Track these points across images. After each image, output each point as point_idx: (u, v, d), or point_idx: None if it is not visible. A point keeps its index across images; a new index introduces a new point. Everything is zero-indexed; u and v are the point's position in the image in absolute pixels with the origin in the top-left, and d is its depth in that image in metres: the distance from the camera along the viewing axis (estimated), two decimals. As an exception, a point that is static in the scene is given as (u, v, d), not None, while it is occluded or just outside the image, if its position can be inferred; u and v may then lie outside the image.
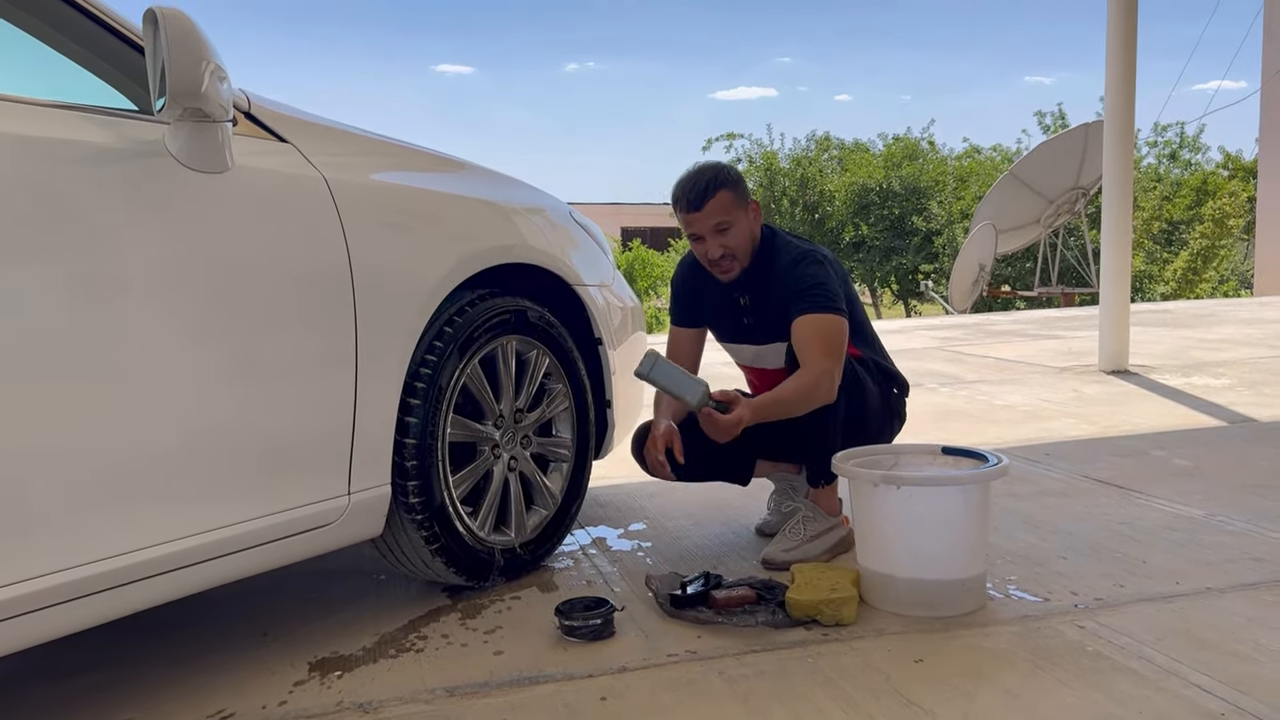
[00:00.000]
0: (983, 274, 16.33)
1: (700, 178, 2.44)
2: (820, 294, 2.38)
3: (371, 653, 2.04)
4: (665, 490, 3.25)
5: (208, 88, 1.63)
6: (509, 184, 2.64)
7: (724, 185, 2.43)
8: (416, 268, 2.15)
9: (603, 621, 2.06)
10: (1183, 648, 1.92)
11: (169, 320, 1.66)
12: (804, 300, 2.38)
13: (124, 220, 1.61)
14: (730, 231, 2.44)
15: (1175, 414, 4.47)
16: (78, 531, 1.54)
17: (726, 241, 2.45)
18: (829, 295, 2.38)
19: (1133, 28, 5.82)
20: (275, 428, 1.84)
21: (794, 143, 26.85)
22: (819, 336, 2.35)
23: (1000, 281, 20.70)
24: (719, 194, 2.42)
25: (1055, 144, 16.20)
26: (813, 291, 2.39)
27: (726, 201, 2.43)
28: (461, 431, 2.28)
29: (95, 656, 2.07)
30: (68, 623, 1.56)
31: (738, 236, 2.45)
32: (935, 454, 2.35)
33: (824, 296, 2.38)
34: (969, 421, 4.44)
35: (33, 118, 1.55)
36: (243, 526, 1.78)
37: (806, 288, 2.39)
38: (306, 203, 1.92)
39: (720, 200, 2.42)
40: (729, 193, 2.43)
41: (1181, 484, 3.17)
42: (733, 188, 2.44)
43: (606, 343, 2.74)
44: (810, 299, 2.37)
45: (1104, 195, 6.06)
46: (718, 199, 2.42)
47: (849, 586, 2.12)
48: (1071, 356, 6.68)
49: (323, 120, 2.12)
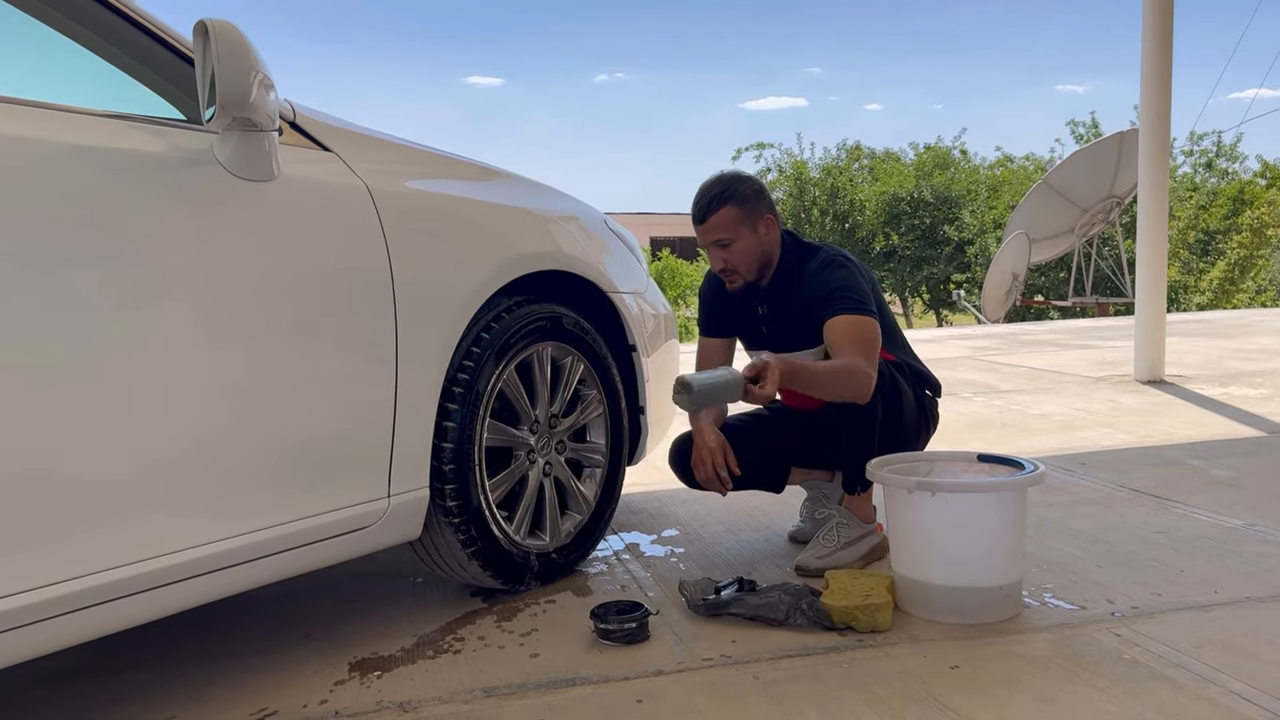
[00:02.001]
0: (1016, 283, 16.21)
1: (709, 192, 2.45)
2: (849, 295, 2.38)
3: (410, 654, 2.07)
4: (698, 497, 3.26)
5: (256, 98, 1.67)
6: (545, 192, 2.67)
7: (729, 201, 2.43)
8: (455, 274, 2.18)
9: (638, 625, 2.08)
10: (1221, 656, 1.91)
11: (215, 324, 1.69)
12: (834, 302, 2.38)
13: (174, 226, 1.65)
14: (732, 247, 2.45)
15: (1213, 424, 4.43)
16: (130, 530, 1.58)
17: (727, 256, 2.47)
18: (859, 296, 2.39)
19: (1169, 35, 5.78)
20: (318, 432, 1.88)
21: (824, 152, 26.87)
22: (852, 336, 2.34)
23: (1034, 291, 20.55)
24: (722, 210, 2.43)
25: (1089, 152, 16.07)
26: (840, 293, 2.38)
27: (728, 218, 2.43)
28: (498, 436, 2.31)
29: (139, 655, 2.12)
30: (116, 620, 1.60)
31: (739, 253, 2.46)
32: (971, 461, 2.35)
33: (854, 297, 2.38)
34: (1003, 431, 4.42)
35: (88, 128, 1.60)
36: (287, 528, 1.82)
37: (834, 290, 2.39)
38: (349, 210, 1.96)
39: (722, 217, 2.43)
40: (734, 209, 2.43)
41: (1220, 494, 3.14)
42: (740, 204, 2.43)
43: (640, 349, 2.76)
44: (840, 300, 2.37)
45: (1139, 204, 6.01)
46: (719, 215, 2.43)
47: (884, 593, 2.13)
48: (1107, 366, 6.62)
49: (364, 129, 2.16)
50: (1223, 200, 22.53)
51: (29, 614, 1.46)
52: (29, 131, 1.51)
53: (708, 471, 2.49)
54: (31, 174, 1.49)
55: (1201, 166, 24.98)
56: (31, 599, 1.46)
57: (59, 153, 1.53)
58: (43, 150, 1.51)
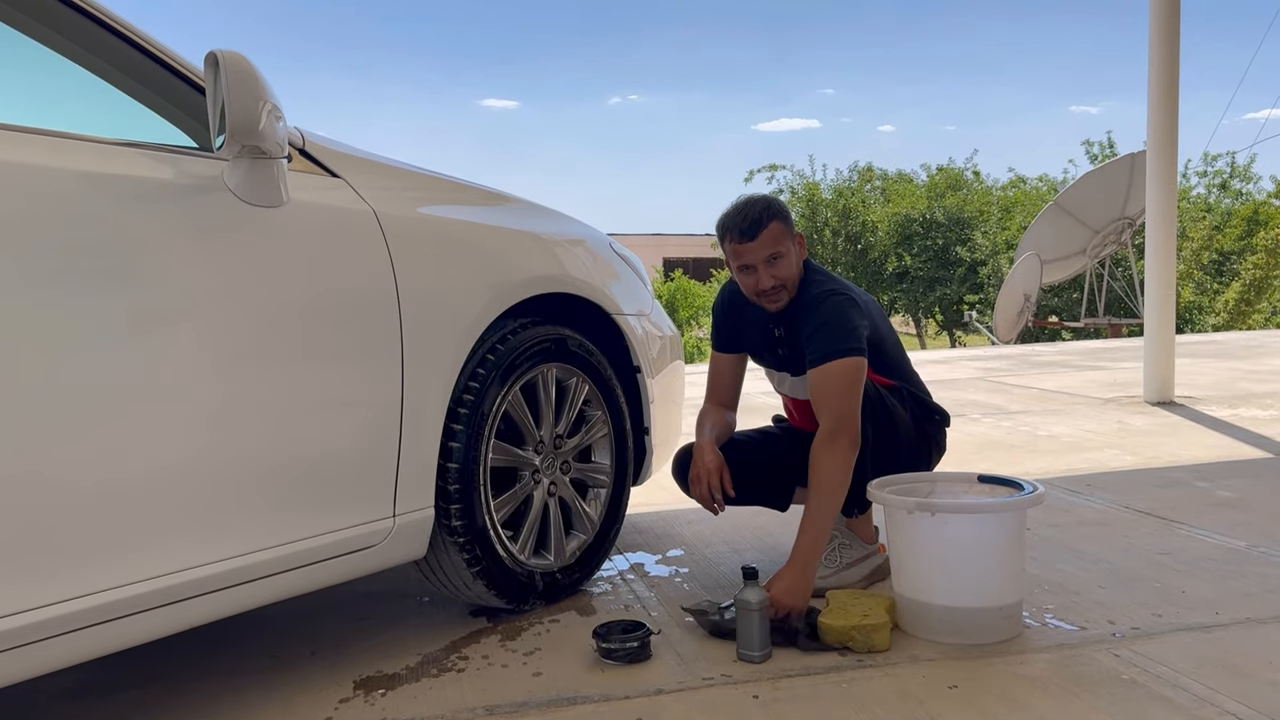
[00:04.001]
0: (1028, 304, 16.20)
1: (753, 208, 2.42)
2: (825, 338, 2.35)
3: (414, 672, 2.10)
4: (703, 517, 3.28)
5: (265, 126, 1.71)
6: (551, 216, 2.71)
7: (776, 216, 2.41)
8: (461, 298, 2.22)
9: (639, 644, 2.10)
10: (1220, 677, 1.91)
11: (224, 347, 1.73)
12: (810, 345, 2.37)
13: (185, 251, 1.70)
14: (781, 262, 2.41)
15: (1220, 445, 4.42)
16: (137, 548, 1.62)
17: (778, 272, 2.42)
18: (837, 334, 2.35)
19: (1174, 55, 5.81)
20: (325, 451, 1.91)
21: (836, 173, 26.95)
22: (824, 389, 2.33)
23: (1047, 312, 20.51)
24: (772, 224, 2.39)
25: (1101, 174, 16.09)
26: (818, 333, 2.36)
27: (779, 232, 2.41)
28: (503, 457, 2.34)
29: (146, 673, 2.15)
30: (122, 638, 1.63)
31: (788, 268, 2.43)
32: (971, 482, 2.36)
33: (829, 337, 2.35)
34: (1011, 452, 4.42)
35: (102, 155, 1.64)
36: (293, 546, 1.85)
37: (815, 328, 2.37)
38: (357, 235, 2.00)
39: (773, 230, 2.40)
40: (781, 224, 2.41)
41: (1224, 515, 3.14)
42: (784, 219, 2.42)
43: (645, 371, 2.79)
44: (815, 344, 2.35)
45: (1147, 225, 6.02)
46: (771, 229, 2.39)
47: (882, 613, 2.14)
48: (1117, 388, 6.62)
49: (373, 156, 2.21)
50: (1237, 221, 22.48)
51: (31, 633, 1.49)
52: (45, 160, 1.56)
53: (703, 491, 2.51)
54: (46, 200, 1.53)
55: (1216, 187, 24.95)
56: (34, 618, 1.49)
57: (73, 180, 1.58)
58: (57, 177, 1.56)
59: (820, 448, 2.29)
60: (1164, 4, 5.79)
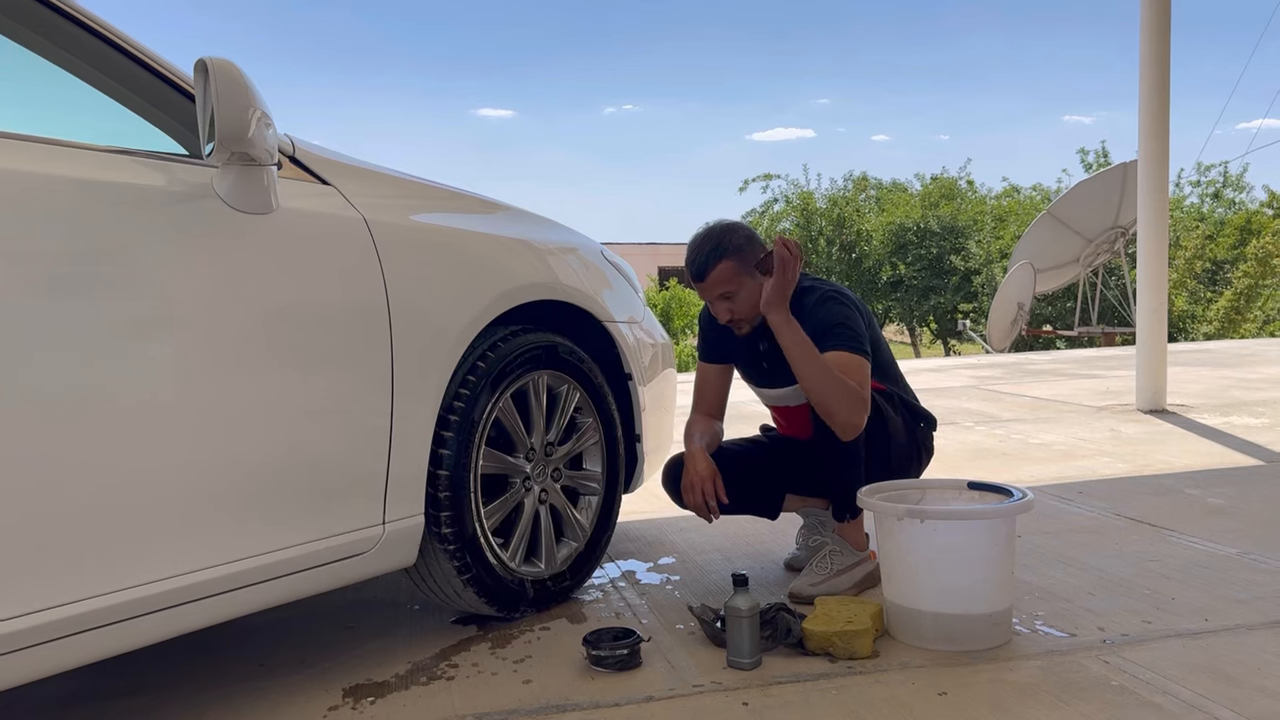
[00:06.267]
0: (1021, 313, 16.24)
1: (702, 248, 2.45)
2: (845, 331, 2.40)
3: (404, 680, 2.09)
4: (695, 525, 3.28)
5: (254, 133, 1.71)
6: (542, 224, 2.72)
7: (725, 255, 2.43)
8: (451, 305, 2.22)
9: (630, 652, 2.09)
10: (1209, 683, 1.92)
11: (215, 353, 1.73)
12: (830, 338, 2.40)
13: (174, 258, 1.70)
14: (735, 298, 2.47)
15: (1212, 453, 4.43)
16: (126, 555, 1.61)
17: (733, 308, 2.48)
18: (854, 333, 2.41)
19: (1165, 65, 5.84)
20: (315, 459, 1.91)
21: (831, 183, 27.10)
22: (845, 370, 2.35)
23: (1041, 321, 20.57)
24: (719, 265, 2.43)
25: (1093, 183, 16.16)
26: (837, 329, 2.40)
27: (728, 272, 2.44)
28: (493, 464, 2.33)
29: (135, 680, 2.14)
30: (113, 645, 1.62)
31: (742, 303, 2.47)
32: (960, 489, 2.37)
33: (849, 333, 2.40)
34: (1003, 460, 4.43)
35: (92, 162, 1.65)
36: (283, 554, 1.84)
37: (831, 325, 2.41)
38: (347, 242, 2.00)
39: (721, 272, 2.44)
40: (731, 262, 2.43)
41: (1215, 522, 3.15)
42: (734, 255, 2.44)
43: (636, 378, 2.79)
44: (835, 336, 2.39)
45: (1139, 235, 6.05)
46: (718, 271, 2.44)
47: (866, 620, 2.14)
48: (1109, 396, 6.63)
49: (363, 163, 2.21)
50: (1230, 230, 22.59)
51: (19, 640, 1.49)
52: (36, 167, 1.56)
53: (696, 499, 2.51)
54: (35, 207, 1.53)
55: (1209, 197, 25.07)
56: (25, 624, 1.49)
57: (63, 186, 1.58)
58: (47, 184, 1.56)
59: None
60: (1155, 14, 5.82)
